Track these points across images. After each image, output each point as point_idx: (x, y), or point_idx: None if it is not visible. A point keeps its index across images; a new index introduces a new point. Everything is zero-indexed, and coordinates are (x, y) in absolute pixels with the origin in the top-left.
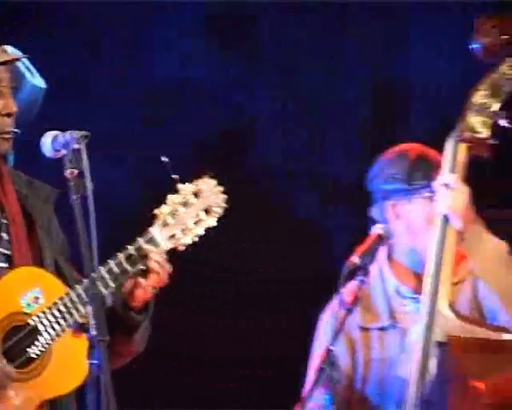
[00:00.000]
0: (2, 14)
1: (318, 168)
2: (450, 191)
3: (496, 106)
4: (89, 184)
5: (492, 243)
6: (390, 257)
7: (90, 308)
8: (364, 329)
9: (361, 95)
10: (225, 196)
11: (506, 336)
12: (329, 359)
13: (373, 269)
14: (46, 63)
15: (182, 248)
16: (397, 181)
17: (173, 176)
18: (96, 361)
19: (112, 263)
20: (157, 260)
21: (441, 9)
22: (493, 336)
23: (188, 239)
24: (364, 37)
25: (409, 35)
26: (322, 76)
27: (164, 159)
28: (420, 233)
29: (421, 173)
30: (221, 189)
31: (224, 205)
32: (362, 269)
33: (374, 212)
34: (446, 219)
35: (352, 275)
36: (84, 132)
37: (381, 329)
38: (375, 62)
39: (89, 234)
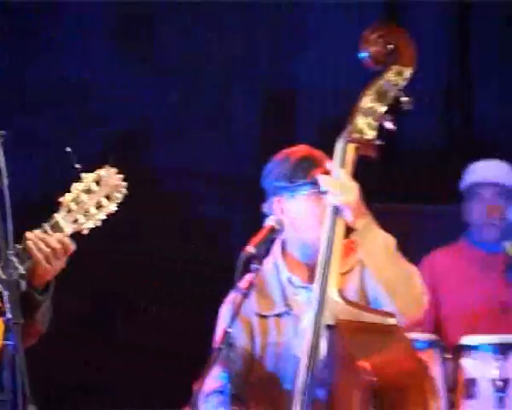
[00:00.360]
0: None
1: (217, 166)
2: (340, 187)
3: (382, 109)
4: (5, 180)
5: (380, 237)
6: (284, 250)
7: (5, 293)
8: (262, 316)
9: (257, 96)
10: (125, 183)
11: (390, 320)
12: (227, 340)
13: (269, 261)
14: None
15: (85, 231)
16: (281, 179)
17: (76, 166)
18: (11, 342)
19: (19, 247)
20: (61, 243)
21: (329, 14)
22: (378, 320)
23: (90, 224)
24: (254, 39)
25: (297, 39)
26: (217, 77)
27: (67, 149)
28: (304, 227)
29: (303, 172)
30: (121, 176)
31: (124, 191)
32: (256, 258)
33: (265, 207)
34: (336, 213)
35: (247, 264)
36: (0, 132)
37: (277, 315)
38: (268, 63)
39: (5, 225)
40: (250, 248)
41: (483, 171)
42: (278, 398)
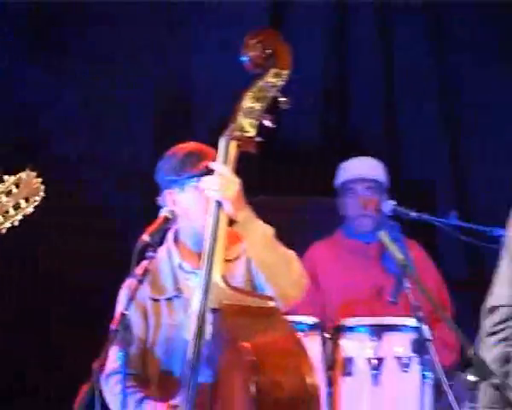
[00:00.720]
0: None
1: (118, 161)
2: (222, 181)
3: (261, 109)
4: None
5: (260, 227)
6: (176, 239)
7: None
8: (155, 300)
9: (149, 95)
10: (43, 187)
11: (270, 304)
12: (123, 322)
13: (163, 249)
14: None
15: (3, 231)
16: (171, 173)
17: None
18: None
19: None
20: None
21: (220, 15)
22: (259, 303)
23: (8, 224)
24: (152, 39)
25: (192, 39)
26: (117, 76)
27: None
28: (195, 217)
29: (191, 165)
30: (39, 180)
31: (42, 194)
32: (151, 246)
33: (160, 200)
34: (219, 205)
35: (143, 251)
36: None
37: (169, 299)
38: (164, 62)
39: None
40: (145, 237)
41: (356, 168)
42: (170, 378)
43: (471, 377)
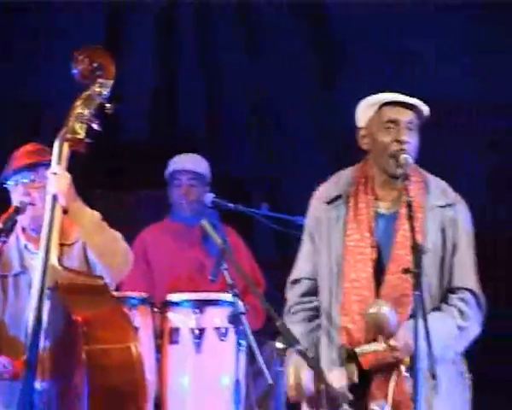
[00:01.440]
0: None
1: None
2: (56, 177)
3: (90, 114)
4: None
5: (88, 213)
6: (23, 227)
7: None
8: (3, 276)
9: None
10: None
11: (99, 282)
12: None
13: (12, 236)
14: None
15: None
16: (11, 171)
17: None
18: None
19: None
20: None
21: (72, 18)
22: (91, 281)
23: None
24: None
25: (40, 42)
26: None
27: None
28: (38, 208)
29: (30, 163)
30: None
31: None
32: (4, 231)
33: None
34: (55, 198)
35: None
36: None
37: (15, 275)
38: (12, 70)
39: None
40: None
41: (182, 161)
42: (17, 345)
43: (279, 345)
